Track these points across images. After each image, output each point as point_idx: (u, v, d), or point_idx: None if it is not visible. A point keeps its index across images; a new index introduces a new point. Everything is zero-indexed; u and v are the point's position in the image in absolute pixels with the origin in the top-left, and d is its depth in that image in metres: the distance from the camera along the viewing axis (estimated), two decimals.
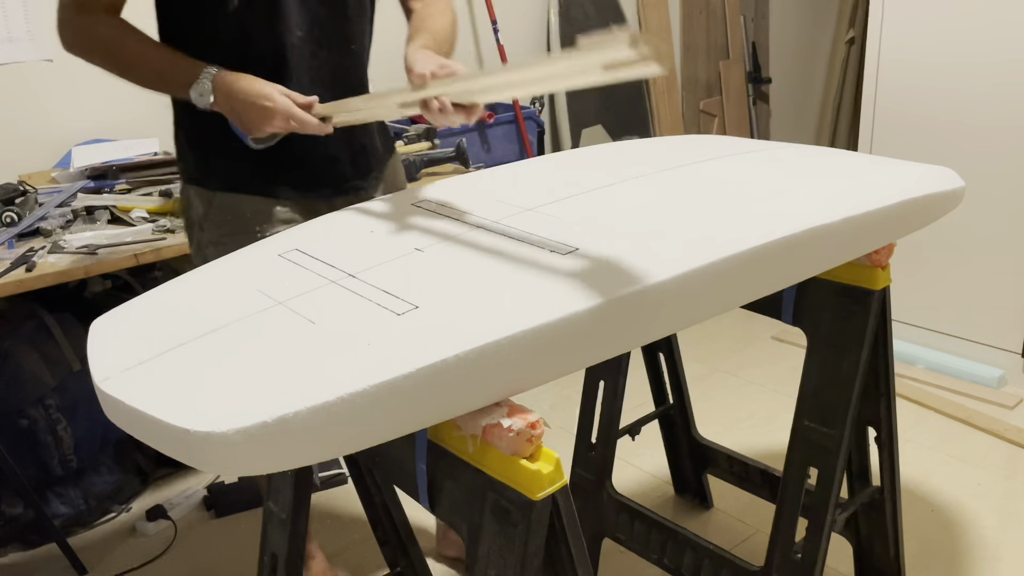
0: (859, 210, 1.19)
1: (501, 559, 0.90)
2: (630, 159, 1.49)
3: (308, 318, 0.93)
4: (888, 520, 1.67)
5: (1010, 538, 1.99)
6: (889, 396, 1.56)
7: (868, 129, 2.84)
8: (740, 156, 1.47)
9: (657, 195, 1.26)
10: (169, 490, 2.33)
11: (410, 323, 0.89)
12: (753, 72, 4.16)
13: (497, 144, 2.93)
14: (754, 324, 3.13)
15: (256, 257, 1.17)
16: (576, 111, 3.37)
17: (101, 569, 2.05)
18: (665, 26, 3.72)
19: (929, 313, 2.84)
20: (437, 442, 0.95)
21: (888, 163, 1.42)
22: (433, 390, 0.83)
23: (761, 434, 2.48)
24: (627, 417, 1.89)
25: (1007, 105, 2.50)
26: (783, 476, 1.53)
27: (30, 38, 2.31)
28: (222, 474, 2.23)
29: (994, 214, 2.58)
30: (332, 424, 0.79)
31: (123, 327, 1.03)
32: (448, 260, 1.06)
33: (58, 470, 2.14)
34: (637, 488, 2.25)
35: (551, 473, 0.87)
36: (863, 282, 1.42)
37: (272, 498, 1.32)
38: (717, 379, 2.83)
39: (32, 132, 2.34)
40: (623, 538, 1.84)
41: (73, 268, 1.74)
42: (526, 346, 0.87)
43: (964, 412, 2.52)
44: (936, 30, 2.60)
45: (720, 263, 1.01)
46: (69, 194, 2.08)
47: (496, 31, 3.08)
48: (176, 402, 0.82)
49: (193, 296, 1.08)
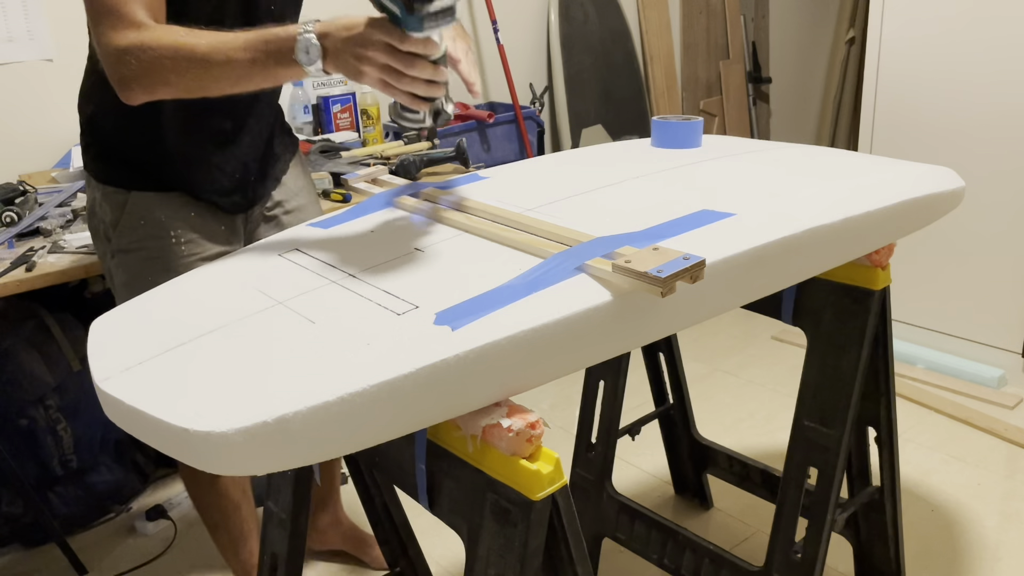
0: (859, 210, 1.19)
1: (501, 559, 0.90)
2: (630, 159, 1.49)
3: (308, 318, 0.93)
4: (888, 520, 1.67)
5: (1010, 538, 1.99)
6: (889, 396, 1.56)
7: (868, 129, 2.84)
8: (740, 156, 1.47)
9: (656, 195, 1.26)
10: (169, 490, 2.33)
11: (410, 323, 0.89)
12: (753, 72, 4.16)
13: (497, 144, 2.93)
14: (754, 324, 3.13)
15: (256, 257, 1.17)
16: (576, 111, 3.37)
17: (101, 569, 2.05)
18: (665, 26, 3.72)
19: (929, 313, 2.84)
20: (437, 442, 0.95)
21: (888, 163, 1.42)
22: (433, 390, 0.83)
23: (761, 434, 2.48)
24: (627, 417, 1.89)
25: (1007, 105, 2.50)
26: (783, 476, 1.53)
27: (30, 38, 2.31)
28: (222, 474, 2.23)
29: (994, 214, 2.58)
30: (332, 424, 0.79)
31: (123, 327, 1.03)
32: (448, 260, 1.06)
33: (58, 470, 2.14)
34: (637, 488, 2.25)
35: (551, 473, 0.87)
36: (863, 282, 1.42)
37: (272, 498, 1.32)
38: (717, 379, 2.83)
39: (32, 132, 2.34)
40: (623, 538, 1.84)
41: (73, 268, 1.74)
42: (526, 346, 0.87)
43: (964, 412, 2.52)
44: (936, 30, 2.60)
45: (720, 263, 1.01)
46: (69, 194, 2.08)
47: (496, 31, 3.08)
48: (176, 402, 0.82)
49: (193, 296, 1.08)
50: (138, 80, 1.16)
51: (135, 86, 1.16)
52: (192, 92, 1.16)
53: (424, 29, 1.01)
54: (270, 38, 1.09)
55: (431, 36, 1.03)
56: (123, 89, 1.18)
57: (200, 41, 1.12)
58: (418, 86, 1.06)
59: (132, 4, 1.16)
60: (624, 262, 0.93)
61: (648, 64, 3.67)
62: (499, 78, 3.19)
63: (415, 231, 1.17)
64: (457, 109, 1.18)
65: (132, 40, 1.14)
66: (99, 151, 1.48)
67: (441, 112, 1.15)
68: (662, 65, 3.71)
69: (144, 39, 1.14)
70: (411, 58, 1.03)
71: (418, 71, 1.04)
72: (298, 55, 1.07)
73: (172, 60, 1.12)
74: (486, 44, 3.18)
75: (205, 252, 1.51)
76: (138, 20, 1.16)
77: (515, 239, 1.07)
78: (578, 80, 3.37)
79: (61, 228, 1.93)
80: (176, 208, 1.48)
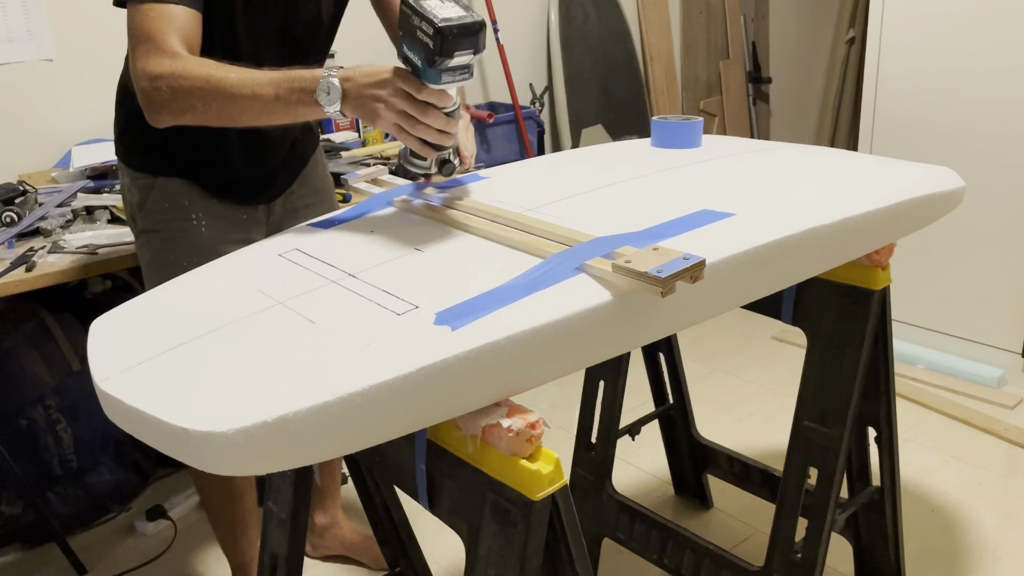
0: (859, 210, 1.19)
1: (501, 559, 0.90)
2: (630, 159, 1.49)
3: (308, 318, 0.93)
4: (888, 520, 1.67)
5: (1010, 538, 1.99)
6: (889, 396, 1.56)
7: (868, 129, 2.84)
8: (740, 156, 1.47)
9: (656, 195, 1.26)
10: (169, 490, 2.33)
11: (410, 323, 0.89)
12: (753, 72, 4.16)
13: (497, 144, 2.93)
14: (754, 324, 3.13)
15: (256, 257, 1.17)
16: (576, 111, 3.37)
17: (101, 569, 2.05)
18: (665, 26, 3.72)
19: (929, 313, 2.84)
20: (437, 442, 0.95)
21: (888, 163, 1.43)
22: (433, 390, 0.83)
23: (761, 434, 2.48)
24: (627, 417, 1.89)
25: (1007, 105, 2.50)
26: (783, 476, 1.53)
27: (30, 38, 2.31)
28: (222, 474, 2.23)
29: (994, 214, 2.58)
30: (332, 424, 0.79)
31: (123, 327, 1.03)
32: (448, 260, 1.06)
33: (58, 470, 2.14)
34: (637, 488, 2.25)
35: (551, 473, 0.87)
36: (863, 282, 1.42)
37: (272, 498, 1.32)
38: (717, 379, 2.83)
39: (32, 132, 2.34)
40: (623, 538, 1.84)
41: (73, 268, 1.74)
42: (526, 346, 0.87)
43: (964, 412, 2.52)
44: (936, 30, 2.60)
45: (720, 263, 1.01)
46: (69, 194, 2.08)
47: (496, 31, 3.08)
48: (176, 402, 0.82)
49: (193, 295, 1.08)
50: (167, 105, 1.24)
51: (163, 111, 1.25)
52: (216, 121, 1.24)
53: (442, 82, 1.11)
54: (295, 77, 1.18)
55: (447, 89, 1.13)
56: (152, 112, 1.26)
57: (229, 75, 1.20)
58: (430, 134, 1.15)
59: (169, 34, 1.25)
60: (624, 262, 0.93)
61: (648, 64, 3.67)
62: (499, 78, 3.19)
63: (415, 231, 1.17)
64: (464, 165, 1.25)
65: (166, 68, 1.23)
66: (133, 142, 1.55)
67: (447, 162, 1.21)
68: (662, 65, 3.71)
69: (177, 68, 1.22)
70: (426, 107, 1.12)
71: (431, 120, 1.13)
72: (319, 95, 1.15)
73: (202, 90, 1.21)
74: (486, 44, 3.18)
75: (226, 237, 1.55)
76: (173, 50, 1.24)
77: (515, 239, 1.07)
78: (578, 80, 3.37)
79: (61, 228, 1.93)
80: (198, 194, 1.54)
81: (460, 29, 1.06)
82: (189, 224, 1.53)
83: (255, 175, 1.59)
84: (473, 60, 1.12)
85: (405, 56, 1.13)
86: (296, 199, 1.69)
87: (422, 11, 1.07)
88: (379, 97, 1.13)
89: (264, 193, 1.63)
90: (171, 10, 1.27)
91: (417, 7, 1.08)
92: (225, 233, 1.56)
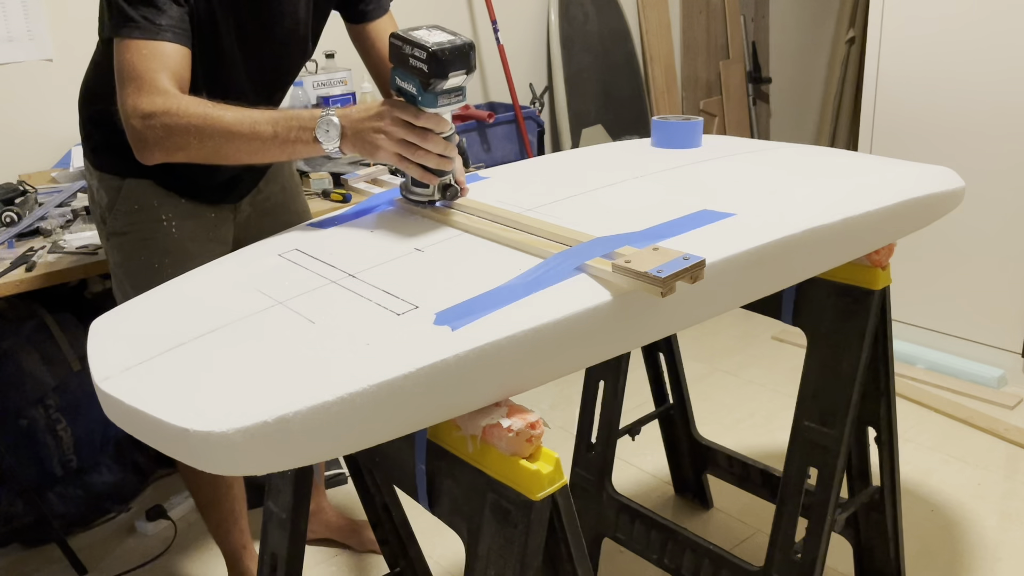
0: (859, 210, 1.19)
1: (501, 559, 0.90)
2: (630, 159, 1.49)
3: (308, 318, 0.93)
4: (888, 520, 1.67)
5: (1010, 538, 1.99)
6: (889, 396, 1.56)
7: (868, 129, 2.84)
8: (740, 156, 1.47)
9: (656, 195, 1.26)
10: (169, 490, 2.33)
11: (410, 323, 0.89)
12: (753, 72, 4.16)
13: (497, 144, 2.93)
14: (754, 324, 3.13)
15: (256, 257, 1.17)
16: (576, 111, 3.37)
17: (101, 569, 2.05)
18: (665, 26, 3.72)
19: (929, 313, 2.84)
20: (437, 442, 0.95)
21: (888, 163, 1.43)
22: (433, 390, 0.83)
23: (761, 434, 2.48)
24: (627, 417, 1.89)
25: (1007, 105, 2.50)
26: (783, 476, 1.53)
27: (30, 38, 2.31)
28: (222, 474, 2.23)
29: (994, 214, 2.58)
30: (332, 424, 0.79)
31: (123, 327, 1.03)
32: (448, 260, 1.06)
33: (58, 470, 2.14)
34: (637, 488, 2.25)
35: (551, 473, 0.87)
36: (863, 282, 1.42)
37: (272, 498, 1.32)
38: (717, 379, 2.83)
39: (32, 132, 2.34)
40: (623, 538, 1.84)
41: (73, 268, 1.74)
42: (526, 346, 0.87)
43: (964, 412, 2.52)
44: (936, 30, 2.60)
45: (720, 263, 1.01)
46: (69, 194, 2.08)
47: (496, 31, 3.08)
48: (176, 402, 0.82)
49: (193, 296, 1.08)
50: (160, 143, 1.24)
51: (156, 149, 1.25)
52: (209, 159, 1.24)
53: (438, 105, 1.15)
54: (293, 116, 1.20)
55: (442, 113, 1.16)
56: (143, 149, 1.26)
57: (226, 113, 1.21)
58: (431, 159, 1.17)
59: (159, 73, 1.24)
60: (624, 262, 0.93)
61: (648, 64, 3.67)
62: (499, 78, 3.19)
63: (415, 231, 1.17)
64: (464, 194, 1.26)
65: (159, 106, 1.22)
66: (98, 143, 1.54)
67: (449, 186, 1.22)
68: (662, 65, 3.71)
69: (170, 106, 1.22)
70: (425, 133, 1.15)
71: (431, 145, 1.16)
72: (318, 133, 1.18)
73: (198, 128, 1.21)
74: (486, 44, 3.18)
75: (196, 236, 1.56)
76: (165, 88, 1.24)
77: (515, 239, 1.07)
78: (578, 80, 3.37)
79: (61, 228, 1.93)
80: (166, 194, 1.53)
81: (452, 50, 1.11)
82: (159, 225, 1.52)
83: (222, 179, 1.59)
84: (466, 81, 1.15)
85: (399, 87, 1.18)
86: (263, 198, 1.70)
87: (412, 39, 1.12)
88: (379, 128, 1.16)
89: (232, 193, 1.63)
90: (163, 47, 1.26)
91: (407, 37, 1.13)
92: (195, 232, 1.56)
